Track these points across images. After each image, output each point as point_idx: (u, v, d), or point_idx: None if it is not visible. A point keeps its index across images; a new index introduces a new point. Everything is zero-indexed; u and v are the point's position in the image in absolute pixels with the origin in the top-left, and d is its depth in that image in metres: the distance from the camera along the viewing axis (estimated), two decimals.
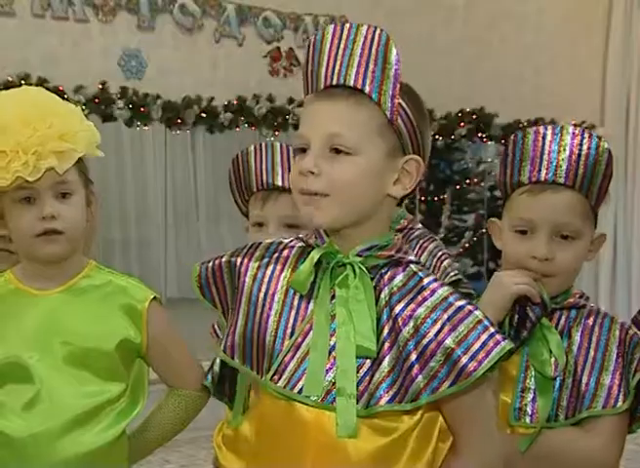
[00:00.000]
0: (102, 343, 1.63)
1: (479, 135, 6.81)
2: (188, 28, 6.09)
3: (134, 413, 1.68)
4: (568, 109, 6.91)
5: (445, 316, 1.28)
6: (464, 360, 1.26)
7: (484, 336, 1.27)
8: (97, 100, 5.43)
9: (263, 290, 1.38)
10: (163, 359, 1.73)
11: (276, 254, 1.40)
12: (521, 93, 6.87)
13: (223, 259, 1.43)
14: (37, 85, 4.91)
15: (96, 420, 1.62)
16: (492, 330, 1.28)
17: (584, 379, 1.57)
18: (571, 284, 1.67)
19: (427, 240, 2.08)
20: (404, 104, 1.34)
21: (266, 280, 1.38)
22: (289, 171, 1.79)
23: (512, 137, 1.68)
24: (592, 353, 1.59)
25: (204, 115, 5.94)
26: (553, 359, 1.59)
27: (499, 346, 1.26)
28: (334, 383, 1.29)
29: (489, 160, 6.98)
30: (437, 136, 6.73)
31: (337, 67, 1.32)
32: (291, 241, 1.42)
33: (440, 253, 2.05)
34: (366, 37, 1.32)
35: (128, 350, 1.67)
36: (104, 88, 5.59)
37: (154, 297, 1.71)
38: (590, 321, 1.62)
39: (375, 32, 1.32)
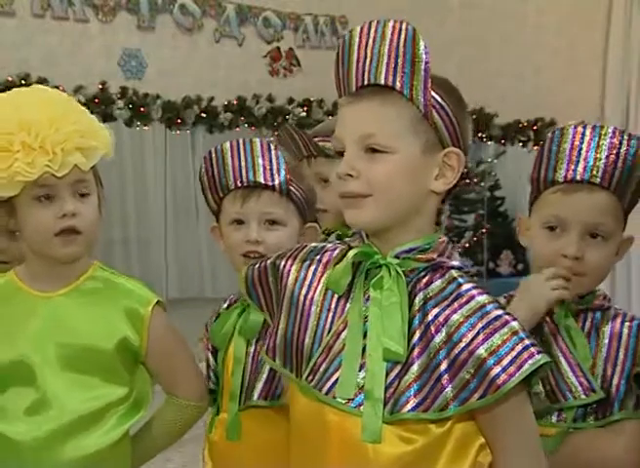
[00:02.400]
0: (102, 342, 1.62)
1: (479, 135, 6.81)
2: (188, 28, 6.09)
3: (137, 417, 1.66)
4: (568, 109, 6.90)
5: (480, 324, 1.24)
6: (495, 371, 1.21)
7: (518, 348, 1.22)
8: (97, 100, 5.44)
9: (304, 292, 1.37)
10: (163, 366, 1.71)
11: (318, 257, 1.39)
12: (521, 93, 6.87)
13: (269, 261, 1.43)
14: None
15: (98, 424, 1.61)
16: (527, 342, 1.23)
17: (615, 383, 1.56)
18: (598, 284, 1.65)
19: None
20: (439, 97, 1.31)
21: (307, 282, 1.37)
22: (270, 167, 1.80)
23: (550, 134, 1.65)
24: (622, 357, 1.57)
25: (204, 115, 5.94)
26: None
27: (532, 359, 1.22)
28: (362, 386, 1.27)
29: (489, 160, 6.97)
30: None
31: (367, 67, 1.31)
32: (334, 245, 1.41)
33: None
34: (392, 33, 1.30)
35: (127, 352, 1.65)
36: (104, 88, 5.59)
37: (158, 302, 1.69)
38: (617, 324, 1.61)
39: (401, 27, 1.31)
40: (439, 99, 1.31)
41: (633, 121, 7.23)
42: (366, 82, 1.31)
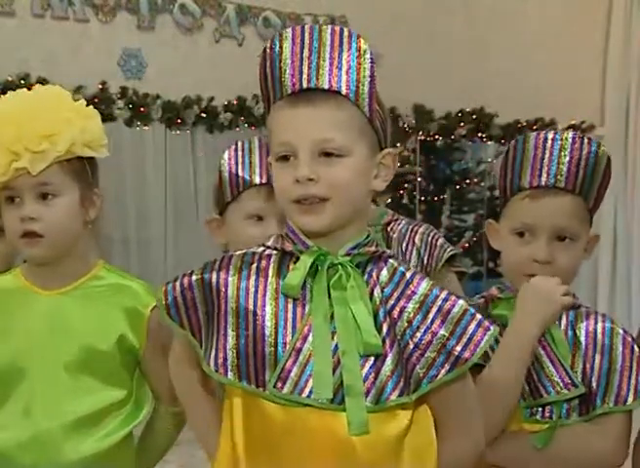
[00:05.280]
0: (100, 343, 1.62)
1: (479, 135, 6.81)
2: (188, 28, 6.08)
3: (139, 418, 1.66)
4: (568, 109, 6.90)
5: (434, 308, 1.33)
6: (459, 348, 1.31)
7: (473, 324, 1.33)
8: (97, 100, 5.43)
9: (251, 302, 1.35)
10: (158, 368, 1.68)
11: (254, 265, 1.38)
12: (521, 93, 6.86)
13: (194, 278, 1.39)
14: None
15: (98, 426, 1.60)
16: (479, 317, 1.34)
17: (594, 379, 1.60)
18: (568, 284, 1.68)
19: (417, 224, 2.14)
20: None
21: (252, 292, 1.36)
22: None
23: (513, 142, 1.69)
24: (599, 354, 1.61)
25: (204, 115, 5.93)
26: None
27: (488, 332, 1.33)
28: (340, 383, 1.30)
29: (489, 160, 6.97)
30: (437, 136, 6.73)
31: (305, 70, 1.31)
32: (263, 251, 1.40)
33: (433, 234, 2.12)
34: (333, 37, 1.31)
35: (128, 353, 1.65)
36: (104, 88, 5.59)
37: None
38: (591, 322, 1.65)
39: (342, 32, 1.31)
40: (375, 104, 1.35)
41: (633, 121, 7.23)
42: (305, 86, 1.31)
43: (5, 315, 1.63)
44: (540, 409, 1.60)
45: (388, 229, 2.11)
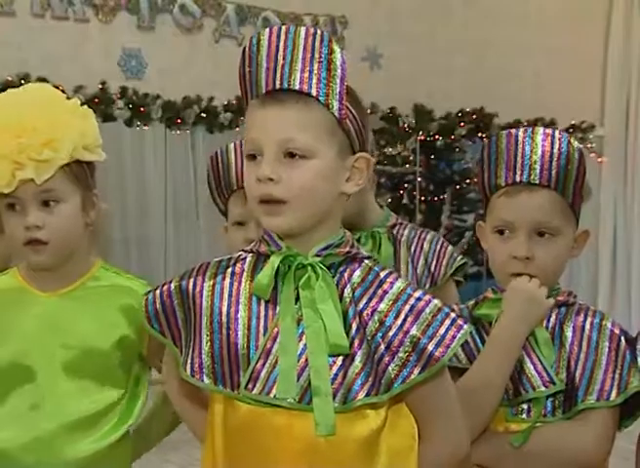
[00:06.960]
0: (99, 343, 1.62)
1: (479, 135, 6.81)
2: (188, 28, 6.09)
3: (134, 417, 1.66)
4: (568, 109, 6.91)
5: (407, 307, 1.32)
6: (431, 347, 1.30)
7: (447, 322, 1.32)
8: (97, 100, 5.44)
9: (225, 306, 1.35)
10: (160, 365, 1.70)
11: (229, 269, 1.38)
12: (521, 93, 6.87)
13: (172, 285, 1.39)
14: None
15: (97, 426, 1.60)
16: (453, 315, 1.33)
17: (578, 374, 1.59)
18: (555, 281, 1.68)
19: (423, 231, 2.14)
20: (349, 105, 1.35)
21: (226, 296, 1.36)
22: None
23: (487, 141, 1.70)
24: (585, 349, 1.61)
25: (204, 115, 5.94)
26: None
27: (462, 330, 1.32)
28: (308, 384, 1.29)
29: None
30: (437, 136, 6.73)
31: (278, 71, 1.32)
32: (240, 255, 1.41)
33: (441, 241, 2.13)
34: (306, 39, 1.32)
35: (128, 349, 1.65)
36: (104, 88, 5.60)
37: None
38: (581, 317, 1.64)
39: (315, 34, 1.32)
40: (349, 106, 1.35)
41: (633, 121, 7.24)
42: (277, 86, 1.31)
43: (2, 316, 1.63)
44: (524, 407, 1.60)
45: (394, 232, 2.10)
